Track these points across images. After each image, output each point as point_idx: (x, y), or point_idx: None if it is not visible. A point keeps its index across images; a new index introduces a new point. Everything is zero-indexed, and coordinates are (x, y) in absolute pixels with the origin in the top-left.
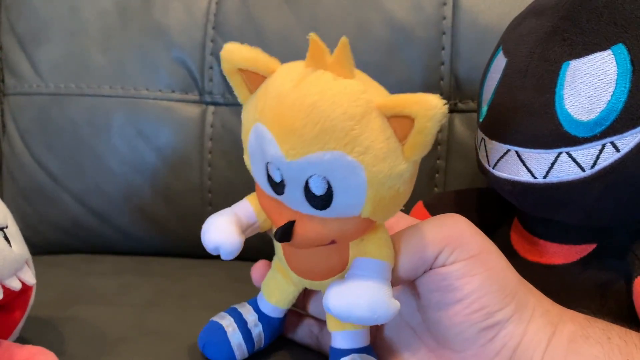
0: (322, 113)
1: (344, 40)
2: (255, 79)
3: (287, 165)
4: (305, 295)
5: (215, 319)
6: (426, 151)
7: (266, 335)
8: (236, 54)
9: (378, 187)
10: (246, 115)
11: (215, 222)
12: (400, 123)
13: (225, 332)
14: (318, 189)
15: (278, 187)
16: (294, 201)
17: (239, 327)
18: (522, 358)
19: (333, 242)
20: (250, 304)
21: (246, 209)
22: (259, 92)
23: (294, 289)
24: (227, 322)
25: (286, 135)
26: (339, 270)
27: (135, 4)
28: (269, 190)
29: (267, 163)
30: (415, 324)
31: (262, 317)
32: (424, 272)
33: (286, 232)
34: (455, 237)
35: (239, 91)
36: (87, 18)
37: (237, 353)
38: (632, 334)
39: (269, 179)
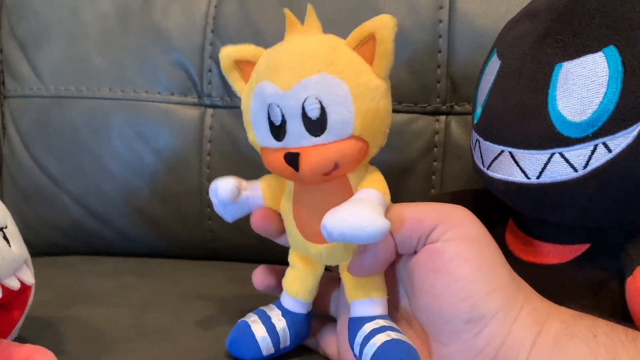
0: (305, 50)
1: (309, 7)
2: (249, 69)
3: (284, 97)
4: (322, 296)
5: (242, 319)
6: (390, 64)
7: (291, 332)
8: (230, 49)
9: (361, 99)
10: (245, 96)
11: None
12: (366, 49)
13: (250, 327)
14: (313, 112)
15: (280, 131)
16: (296, 137)
17: (263, 322)
18: (507, 357)
19: (337, 166)
20: (275, 304)
21: (254, 182)
22: (253, 72)
23: (313, 277)
24: (252, 319)
25: (278, 73)
26: None
27: (135, 7)
28: (273, 142)
29: (269, 106)
30: (408, 316)
31: (285, 313)
32: (420, 245)
33: (294, 158)
34: (455, 217)
35: (237, 85)
36: (87, 21)
37: (262, 345)
38: (618, 329)
39: (272, 128)
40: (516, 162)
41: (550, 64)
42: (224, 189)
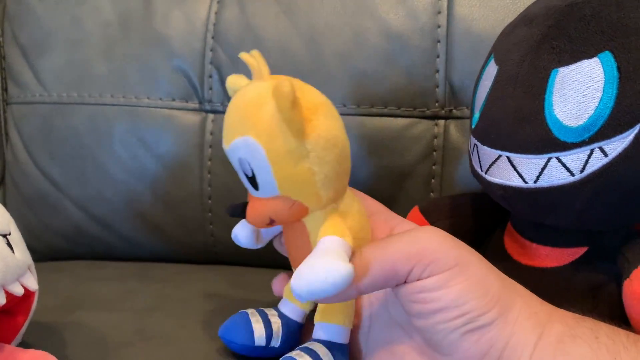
0: (237, 106)
1: (254, 52)
2: None
3: (226, 152)
4: None
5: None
6: (298, 129)
7: (282, 334)
8: (229, 81)
9: (277, 164)
10: None
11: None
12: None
13: (247, 314)
14: (247, 171)
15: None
16: (247, 187)
17: (259, 315)
18: (510, 359)
19: (272, 221)
20: (273, 308)
21: None
22: None
23: None
24: (250, 311)
25: (224, 128)
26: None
27: (136, 14)
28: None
29: None
30: (405, 324)
31: (281, 315)
32: (397, 285)
33: (237, 210)
34: (429, 251)
35: None
36: (89, 28)
37: (256, 333)
38: (620, 332)
39: None
40: (514, 166)
41: (547, 70)
42: (244, 240)
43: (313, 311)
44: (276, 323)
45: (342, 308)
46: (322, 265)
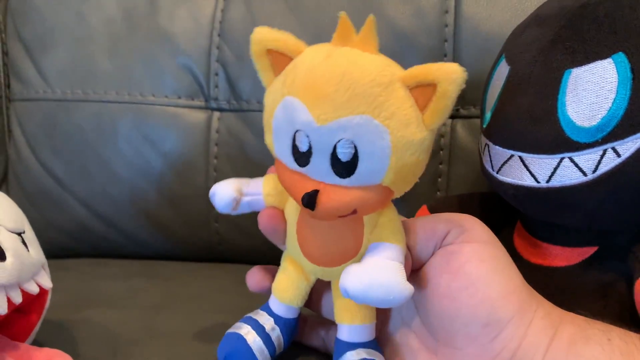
0: (353, 80)
1: (371, 18)
2: (282, 61)
3: (317, 130)
4: (317, 296)
5: (231, 330)
6: (445, 118)
7: (285, 339)
8: (267, 34)
9: (401, 153)
10: (271, 95)
11: (223, 180)
12: (422, 92)
13: (245, 340)
14: (345, 155)
15: (303, 158)
16: (319, 171)
17: (257, 333)
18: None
19: (355, 212)
20: (263, 310)
21: (256, 181)
22: (287, 70)
23: (306, 283)
24: (245, 331)
25: (317, 101)
26: (353, 254)
27: (142, 11)
28: (292, 163)
29: (296, 132)
30: (415, 326)
31: (277, 320)
32: (435, 249)
33: (312, 199)
34: (466, 222)
35: (265, 75)
36: (94, 24)
37: (259, 358)
38: (631, 335)
39: (294, 151)
40: (526, 166)
41: (560, 70)
42: (220, 202)
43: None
44: (275, 332)
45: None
46: (390, 282)
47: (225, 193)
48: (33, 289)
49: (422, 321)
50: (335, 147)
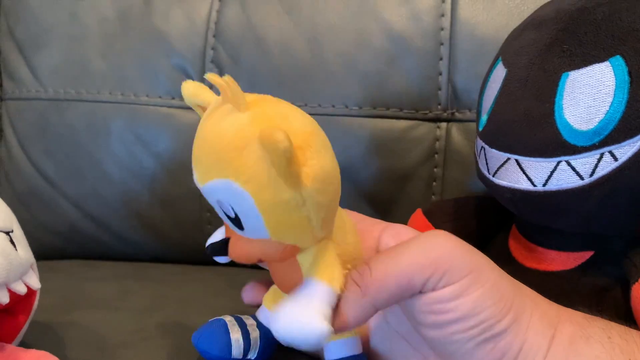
0: (212, 144)
1: (227, 78)
2: None
3: (202, 189)
4: None
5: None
6: (295, 181)
7: (260, 345)
8: (186, 89)
9: (269, 214)
10: None
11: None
12: None
13: (226, 324)
14: (229, 212)
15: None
16: (230, 225)
17: (238, 324)
18: None
19: (261, 260)
20: (250, 316)
21: None
22: None
23: None
24: (228, 319)
25: (195, 163)
26: (299, 284)
27: (136, 11)
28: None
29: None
30: (406, 333)
31: (259, 325)
32: (411, 296)
33: (217, 248)
34: (443, 260)
35: None
36: (88, 24)
37: (233, 346)
38: (632, 332)
39: None
40: (522, 169)
41: (557, 73)
42: (221, 259)
43: None
44: (255, 334)
45: None
46: (302, 321)
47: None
48: (21, 289)
49: (414, 328)
50: (220, 205)
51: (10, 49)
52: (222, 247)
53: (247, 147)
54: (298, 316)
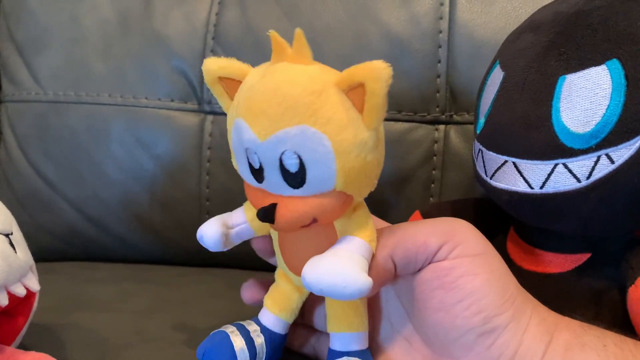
0: (284, 93)
1: (298, 31)
2: (233, 86)
3: (260, 146)
4: (309, 308)
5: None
6: (382, 116)
7: (267, 351)
8: (214, 64)
9: (345, 156)
10: (228, 118)
11: (207, 221)
12: (356, 94)
13: (228, 336)
14: (292, 166)
15: (259, 175)
16: (274, 185)
17: (241, 334)
18: None
19: (315, 220)
20: (252, 320)
21: (238, 211)
22: (236, 94)
23: (298, 295)
24: (230, 330)
25: (256, 119)
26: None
27: (136, 13)
28: (252, 181)
29: (246, 150)
30: (408, 334)
31: (263, 329)
32: (424, 265)
33: (268, 212)
34: (459, 233)
35: (222, 100)
36: (87, 26)
37: (239, 357)
38: (627, 340)
39: (251, 169)
40: (520, 172)
41: (554, 76)
42: (210, 241)
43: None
44: (259, 339)
45: (356, 311)
46: (343, 271)
47: (213, 232)
48: (20, 291)
49: (415, 329)
50: (281, 160)
51: (10, 51)
52: (270, 211)
53: (325, 92)
54: (342, 270)
